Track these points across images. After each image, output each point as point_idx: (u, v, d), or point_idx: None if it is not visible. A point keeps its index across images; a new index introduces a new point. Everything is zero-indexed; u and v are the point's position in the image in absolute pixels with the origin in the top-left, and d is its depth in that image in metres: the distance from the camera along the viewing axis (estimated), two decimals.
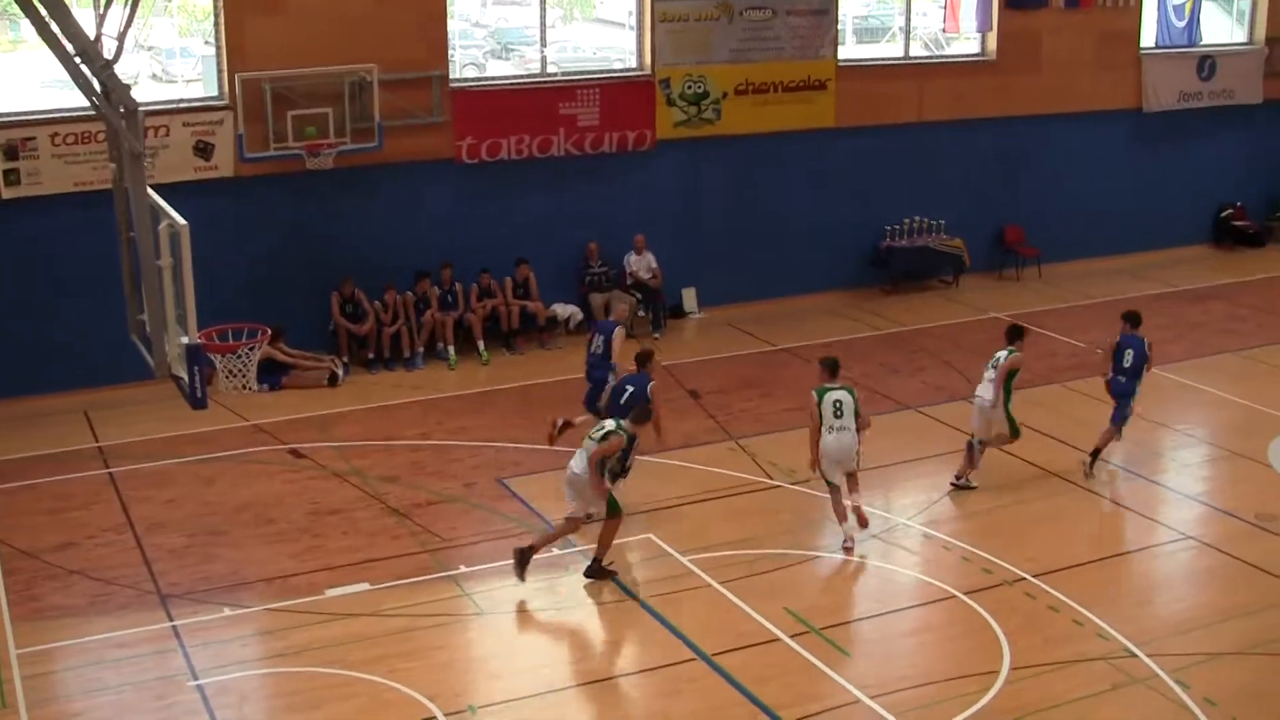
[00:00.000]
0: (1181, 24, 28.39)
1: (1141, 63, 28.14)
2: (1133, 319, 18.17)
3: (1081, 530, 16.68)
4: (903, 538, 16.16)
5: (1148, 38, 28.37)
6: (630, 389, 16.40)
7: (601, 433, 14.80)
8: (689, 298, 24.43)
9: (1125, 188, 28.15)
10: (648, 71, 23.63)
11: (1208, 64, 28.89)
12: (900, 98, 25.50)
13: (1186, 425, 19.94)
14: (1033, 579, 14.93)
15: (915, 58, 26.09)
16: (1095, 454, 17.80)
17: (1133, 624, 14.05)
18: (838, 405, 15.71)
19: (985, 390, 17.17)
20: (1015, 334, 17.43)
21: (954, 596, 14.58)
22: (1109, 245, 27.79)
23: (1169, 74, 28.43)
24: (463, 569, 15.04)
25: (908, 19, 25.85)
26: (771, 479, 17.44)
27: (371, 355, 21.69)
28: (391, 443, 18.72)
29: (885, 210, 25.56)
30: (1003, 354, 17.09)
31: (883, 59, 26.12)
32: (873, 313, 24.41)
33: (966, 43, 26.69)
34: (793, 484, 17.22)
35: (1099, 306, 25.22)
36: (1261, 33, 29.87)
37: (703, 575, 14.84)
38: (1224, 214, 30.00)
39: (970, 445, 17.36)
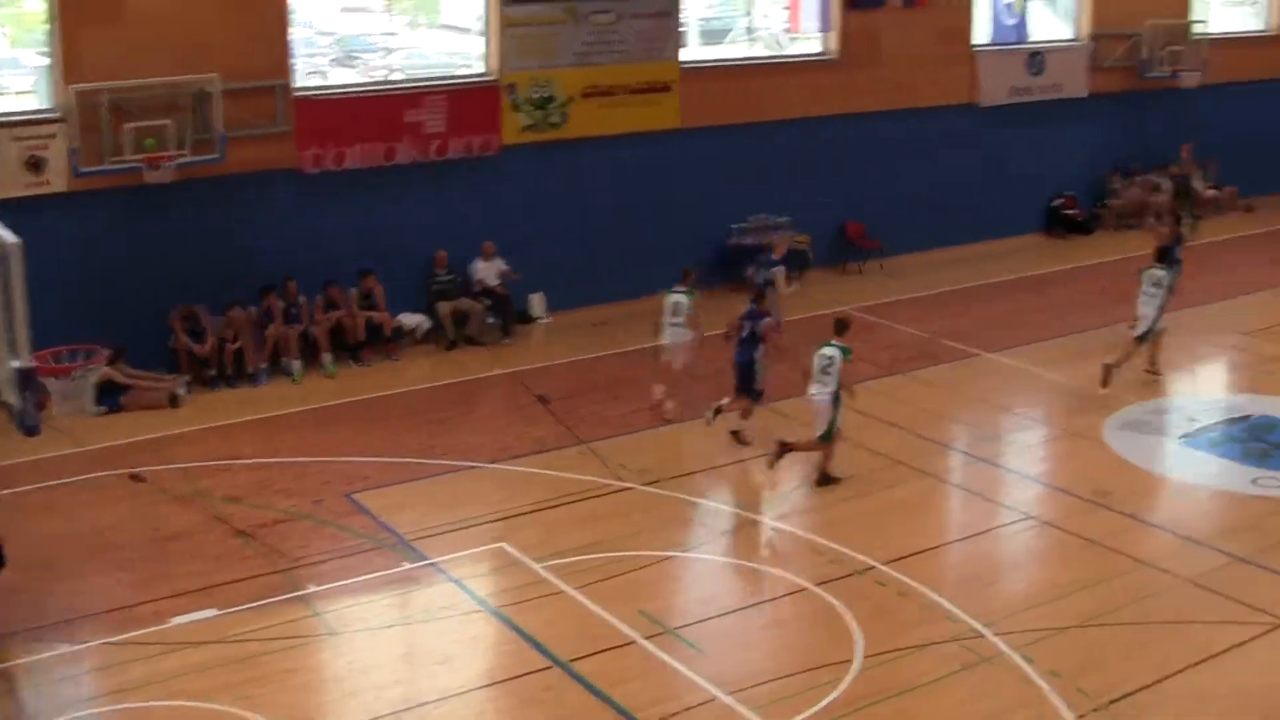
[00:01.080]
0: (1012, 22, 28.87)
1: (975, 59, 28.43)
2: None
3: (928, 516, 16.80)
4: (754, 533, 16.04)
5: (981, 35, 28.70)
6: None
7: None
8: (537, 303, 24.04)
9: (962, 180, 28.37)
10: (494, 76, 23.25)
11: (1037, 59, 29.31)
12: (744, 97, 25.39)
13: (1025, 408, 20.13)
14: (882, 566, 14.86)
15: (758, 58, 26.11)
16: None
17: (979, 604, 14.08)
18: (824, 360, 16.77)
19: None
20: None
21: (805, 589, 14.43)
22: (948, 236, 27.96)
23: (1001, 69, 28.79)
24: (313, 588, 14.45)
25: (750, 19, 25.78)
26: (622, 481, 17.15)
27: (214, 373, 20.72)
28: (236, 462, 17.98)
29: (731, 209, 25.43)
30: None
31: (726, 60, 26.03)
32: (720, 311, 24.14)
33: (808, 42, 26.72)
34: (644, 485, 16.97)
35: (940, 297, 25.46)
36: (1086, 29, 30.36)
37: (556, 581, 14.51)
38: (1055, 203, 30.42)
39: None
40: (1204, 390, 21.43)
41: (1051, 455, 18.70)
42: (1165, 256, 21.02)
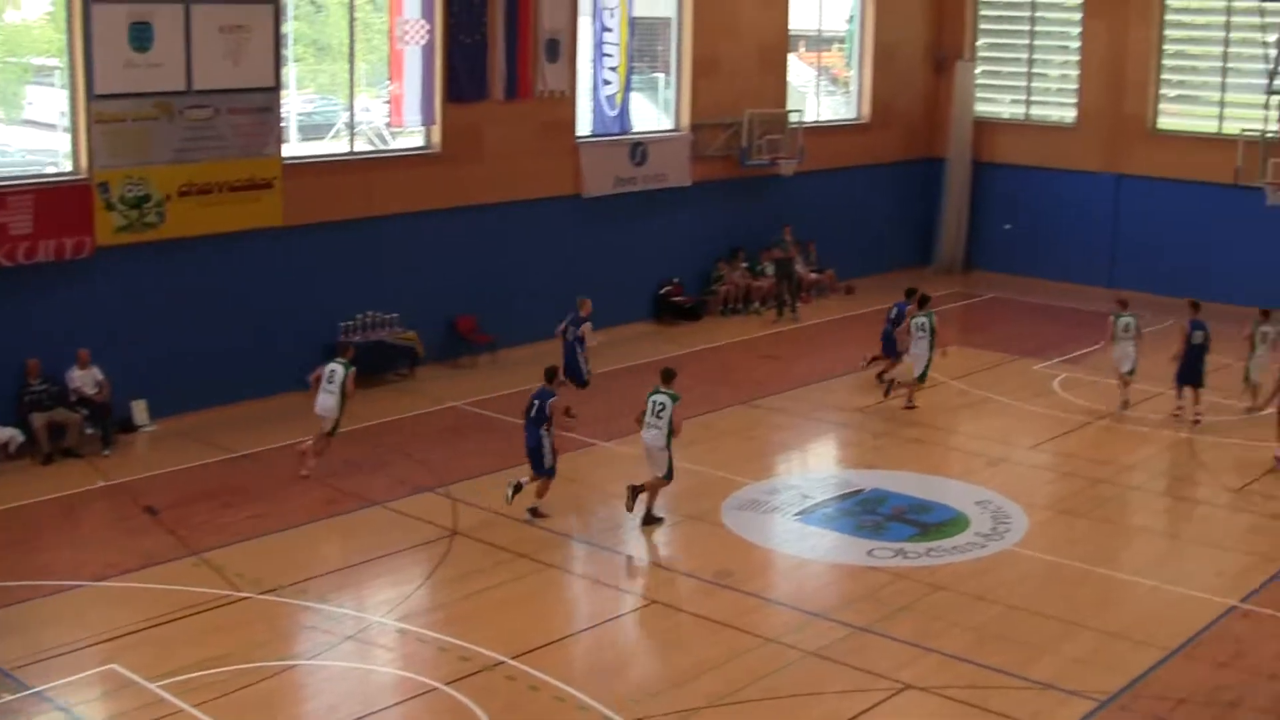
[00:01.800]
0: (614, 113, 29.50)
1: (579, 150, 29.07)
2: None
3: (554, 607, 17.10)
4: (378, 635, 15.95)
5: (584, 127, 29.34)
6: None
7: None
8: (140, 410, 23.28)
9: (570, 271, 28.83)
10: (84, 175, 22.53)
11: (640, 150, 30.20)
12: (348, 193, 25.37)
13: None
14: (511, 661, 15.01)
15: (361, 152, 26.08)
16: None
17: (610, 692, 14.39)
18: (658, 406, 18.82)
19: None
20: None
21: (436, 688, 14.48)
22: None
23: (605, 160, 29.53)
24: None
25: (351, 114, 25.84)
26: (239, 591, 16.84)
27: None
28: None
29: (339, 306, 25.27)
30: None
31: (329, 155, 25.90)
32: (368, 400, 24.09)
33: (411, 136, 26.84)
34: (263, 594, 16.71)
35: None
36: (686, 120, 31.51)
37: (175, 701, 14.11)
38: (663, 290, 31.28)
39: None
40: (816, 468, 22.40)
41: (672, 539, 19.17)
42: (925, 304, 24.94)
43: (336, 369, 20.75)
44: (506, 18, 26.96)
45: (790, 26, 33.91)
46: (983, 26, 37.91)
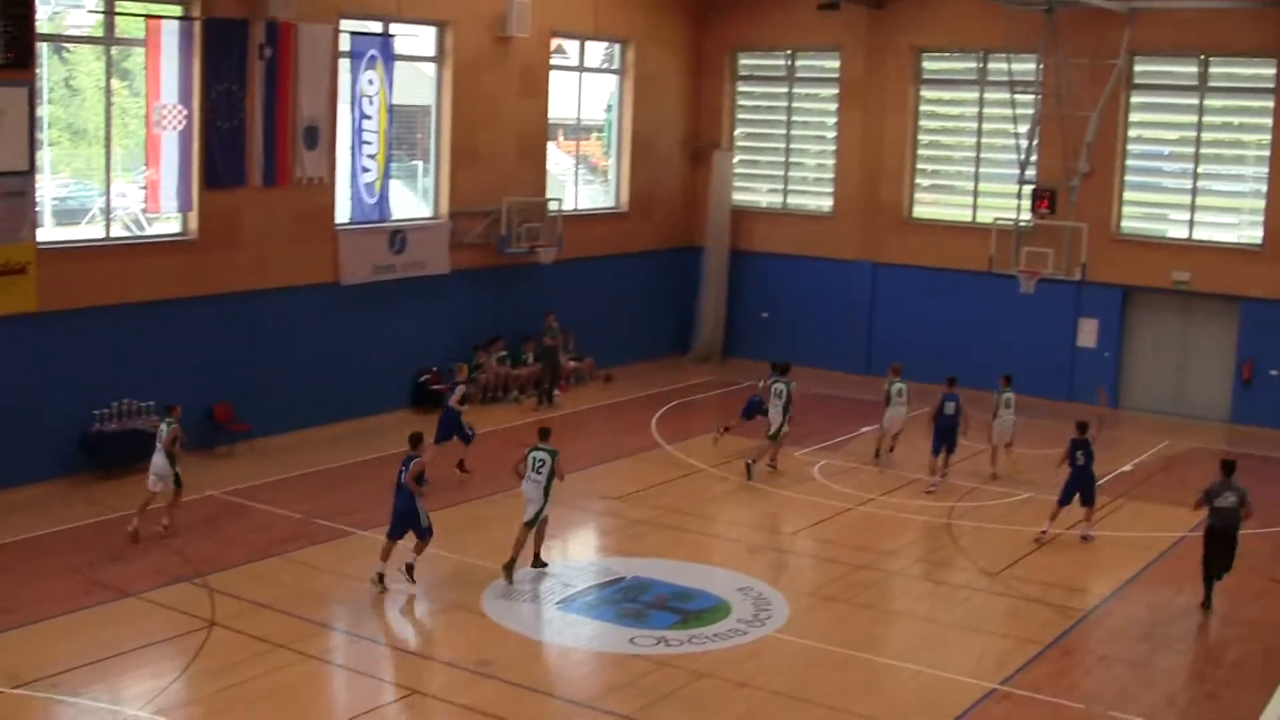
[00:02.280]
0: (373, 200, 29.71)
1: (338, 237, 29.30)
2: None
3: (313, 699, 17.26)
4: None
5: (342, 214, 29.56)
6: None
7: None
8: None
9: (329, 358, 29.14)
10: None
11: (399, 238, 30.50)
12: (104, 279, 25.20)
13: (402, 584, 20.62)
14: None
15: (117, 238, 25.90)
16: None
17: None
18: (538, 461, 20.80)
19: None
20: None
21: None
22: (317, 415, 28.61)
23: (363, 248, 29.74)
24: None
25: (108, 199, 25.71)
26: None
27: None
28: None
29: (93, 394, 25.07)
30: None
31: (84, 240, 25.65)
32: (88, 500, 23.87)
33: (168, 222, 26.80)
34: (15, 689, 16.52)
35: (313, 476, 26.07)
36: (445, 207, 31.98)
37: None
38: (422, 379, 31.54)
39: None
40: (577, 556, 22.81)
41: (433, 628, 19.54)
42: (785, 370, 27.17)
43: (161, 427, 22.31)
44: (265, 104, 27.18)
45: (550, 115, 34.69)
46: (740, 116, 39.21)
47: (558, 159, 36.48)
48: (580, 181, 37.05)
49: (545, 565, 21.40)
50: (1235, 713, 17.25)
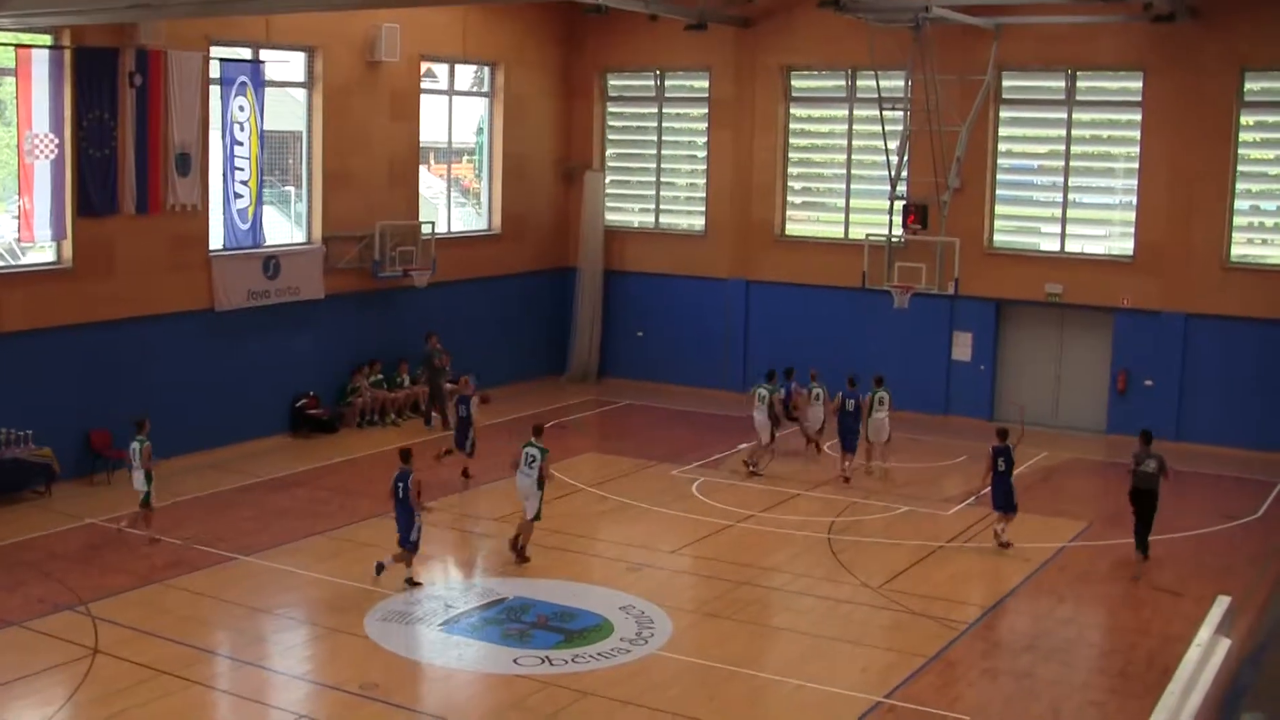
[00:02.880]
0: (246, 226, 29.85)
1: (211, 264, 29.48)
2: None
3: None
4: None
5: (216, 240, 29.72)
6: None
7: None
8: None
9: (205, 385, 29.32)
10: None
11: (273, 263, 30.74)
12: None
13: (286, 608, 21.09)
14: None
15: None
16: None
17: None
18: (530, 456, 22.92)
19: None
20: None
21: None
22: (196, 442, 28.70)
23: (238, 274, 29.95)
24: None
25: None
26: None
27: None
28: None
29: None
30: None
31: None
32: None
33: (42, 251, 26.90)
34: None
35: (192, 503, 26.17)
36: (318, 232, 32.26)
37: None
38: (299, 403, 31.82)
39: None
40: (458, 577, 23.12)
41: (317, 653, 19.69)
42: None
43: (134, 446, 23.63)
44: (136, 132, 27.35)
45: (421, 139, 35.09)
46: (611, 137, 39.80)
47: (430, 182, 36.80)
48: (453, 204, 37.40)
49: (528, 559, 23.14)
50: None
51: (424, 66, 35.20)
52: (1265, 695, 12.11)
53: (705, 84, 38.04)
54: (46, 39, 26.12)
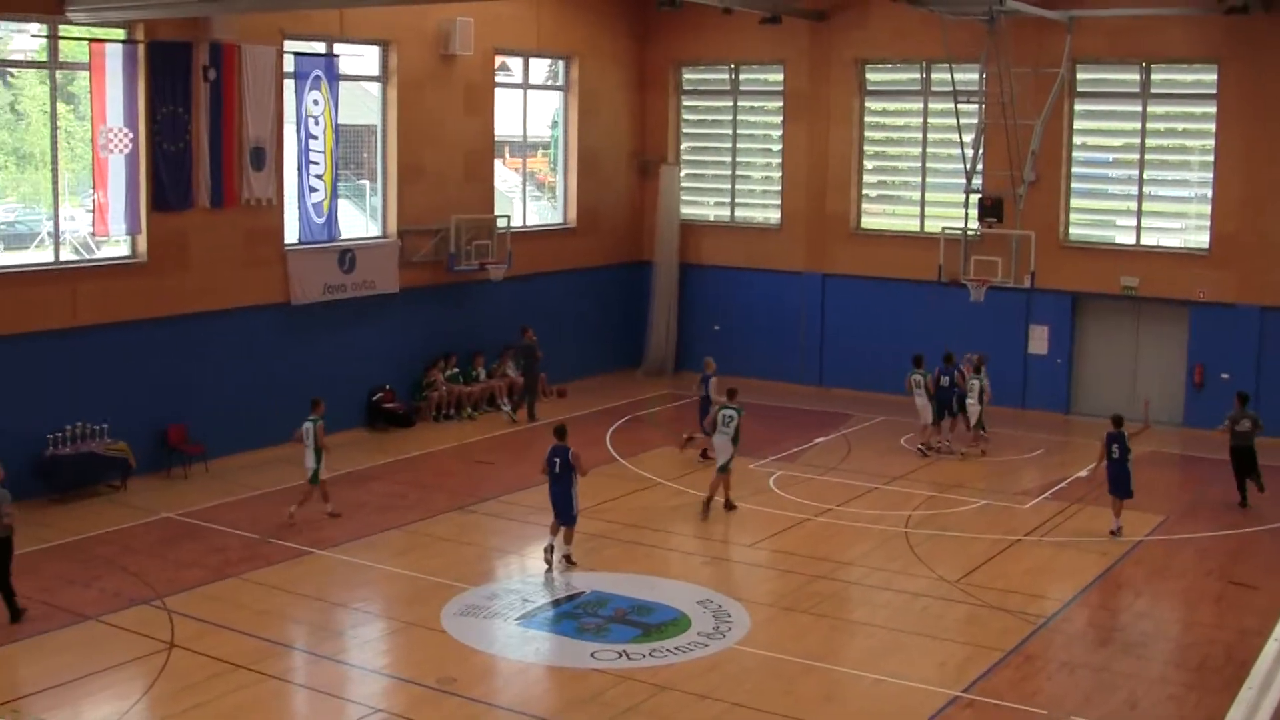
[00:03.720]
0: (321, 220, 29.82)
1: (286, 258, 29.39)
2: None
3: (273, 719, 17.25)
4: None
5: (291, 234, 29.63)
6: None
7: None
8: None
9: (281, 378, 29.18)
10: None
11: (348, 257, 30.61)
12: (53, 303, 25.28)
13: (362, 602, 20.95)
14: None
15: (66, 262, 25.91)
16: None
17: None
18: (727, 417, 24.66)
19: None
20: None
21: None
22: (270, 435, 28.36)
23: (314, 268, 29.83)
24: None
25: (55, 224, 25.72)
26: None
27: None
28: None
29: (46, 418, 25.10)
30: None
31: (32, 265, 25.67)
32: (42, 524, 23.77)
33: (117, 245, 26.83)
34: None
35: (266, 497, 26.07)
36: (393, 226, 32.11)
37: None
38: (375, 397, 31.66)
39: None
40: (535, 571, 22.78)
41: (393, 647, 19.49)
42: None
43: (307, 426, 24.39)
44: (210, 126, 27.27)
45: (495, 132, 34.87)
46: (686, 131, 39.45)
47: (504, 176, 36.59)
48: (528, 198, 37.17)
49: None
50: (1198, 715, 17.38)
51: (498, 60, 34.98)
52: None
53: (780, 77, 37.64)
54: (120, 33, 26.03)
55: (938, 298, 34.38)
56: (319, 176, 29.71)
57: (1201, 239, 33.01)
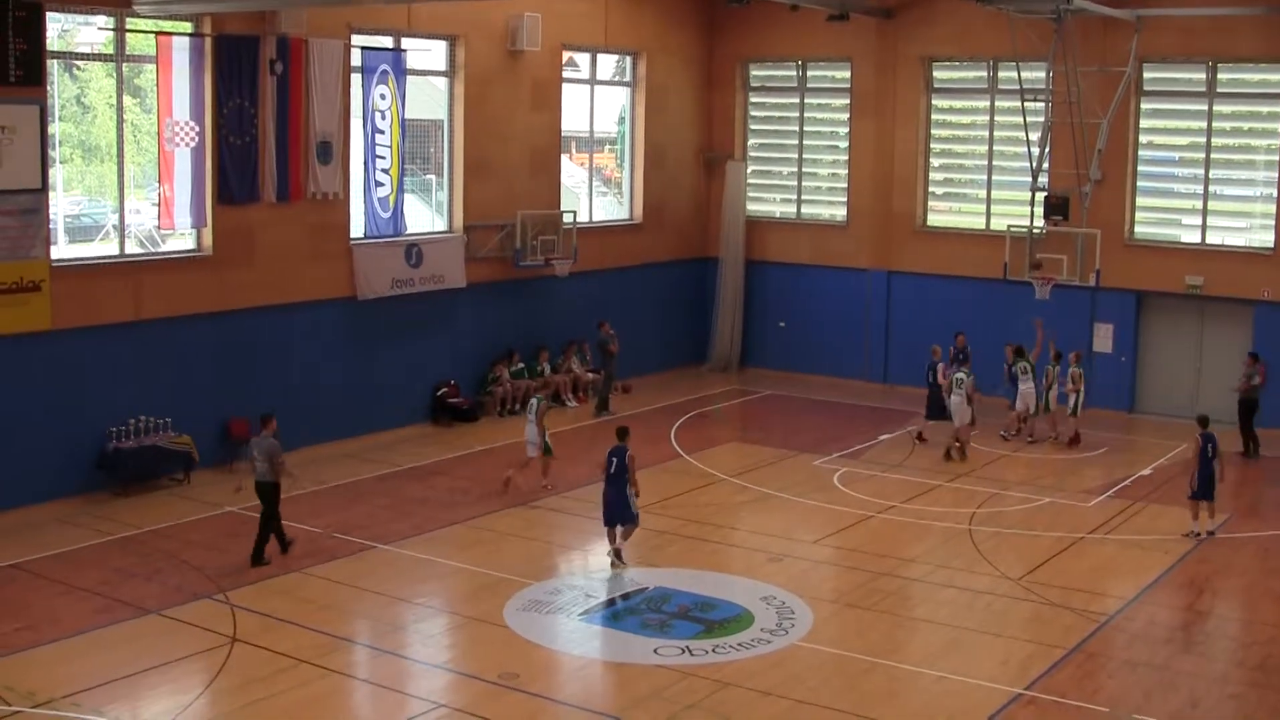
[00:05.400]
0: (387, 215, 29.61)
1: (352, 252, 29.15)
2: None
3: (338, 714, 17.06)
4: None
5: (357, 229, 29.41)
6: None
7: None
8: None
9: (345, 374, 29.01)
10: None
11: (415, 252, 30.33)
12: (118, 296, 25.10)
13: (425, 597, 20.69)
14: None
15: (131, 255, 25.75)
16: None
17: None
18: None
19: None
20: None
21: None
22: (334, 431, 28.44)
23: (380, 262, 29.59)
24: None
25: (121, 216, 25.60)
26: (11, 705, 16.46)
27: None
28: None
29: (109, 411, 24.90)
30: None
31: (98, 258, 25.47)
32: (104, 517, 23.74)
33: (182, 239, 26.67)
34: (34, 708, 16.35)
35: (331, 491, 25.86)
36: (459, 221, 31.84)
37: None
38: (440, 392, 31.40)
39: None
40: (598, 567, 22.52)
41: (456, 642, 19.27)
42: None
43: (533, 402, 26.48)
44: (277, 120, 27.06)
45: (562, 128, 34.58)
46: (753, 127, 39.07)
47: (571, 171, 36.31)
48: (594, 194, 36.88)
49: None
50: (1259, 714, 17.16)
51: (565, 56, 34.67)
52: None
53: (846, 74, 37.22)
54: (187, 26, 25.84)
55: (1003, 295, 33.79)
56: (385, 171, 29.47)
57: (1266, 238, 32.46)
